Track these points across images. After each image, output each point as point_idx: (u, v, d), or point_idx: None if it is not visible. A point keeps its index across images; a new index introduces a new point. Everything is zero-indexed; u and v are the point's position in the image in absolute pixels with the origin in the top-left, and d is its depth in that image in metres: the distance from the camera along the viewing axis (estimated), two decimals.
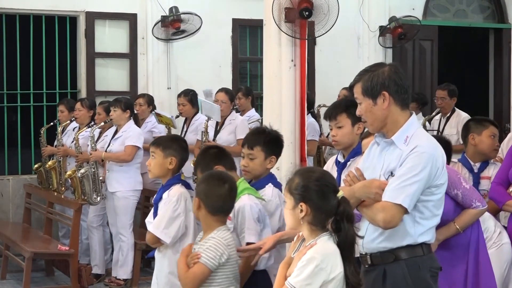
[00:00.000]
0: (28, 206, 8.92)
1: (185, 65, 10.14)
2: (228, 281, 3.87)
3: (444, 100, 8.63)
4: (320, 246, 3.21)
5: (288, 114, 6.20)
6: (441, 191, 3.52)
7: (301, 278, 3.14)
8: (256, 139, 4.55)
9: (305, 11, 6.14)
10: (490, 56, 12.01)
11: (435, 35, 11.46)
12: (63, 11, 9.77)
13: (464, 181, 4.28)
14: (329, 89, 9.98)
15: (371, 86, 3.52)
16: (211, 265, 3.78)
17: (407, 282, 3.48)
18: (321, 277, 3.14)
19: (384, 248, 3.53)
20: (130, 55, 10.00)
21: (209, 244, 3.81)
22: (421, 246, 3.51)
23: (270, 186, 4.48)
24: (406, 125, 3.53)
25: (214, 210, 3.91)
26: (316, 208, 3.22)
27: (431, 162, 3.43)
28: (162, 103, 9.80)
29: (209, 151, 4.61)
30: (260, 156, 4.49)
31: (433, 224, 3.53)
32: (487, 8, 11.86)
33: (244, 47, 10.74)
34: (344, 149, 4.60)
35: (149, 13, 9.97)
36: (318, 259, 3.15)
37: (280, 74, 6.23)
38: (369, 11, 10.93)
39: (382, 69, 3.56)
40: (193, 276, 3.80)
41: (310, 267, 3.14)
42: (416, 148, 3.44)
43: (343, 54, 10.77)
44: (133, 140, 7.70)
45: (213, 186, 3.91)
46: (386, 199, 3.41)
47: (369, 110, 3.55)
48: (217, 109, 7.79)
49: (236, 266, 3.92)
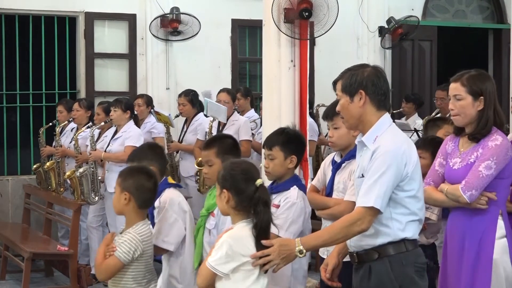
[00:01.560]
0: (27, 206, 8.92)
1: (184, 66, 10.14)
2: (141, 275, 4.05)
3: (443, 101, 8.63)
4: (235, 231, 3.63)
5: (287, 114, 6.21)
6: (413, 187, 3.57)
7: (216, 259, 3.56)
8: (274, 139, 4.50)
9: (305, 12, 6.14)
10: (489, 57, 12.02)
11: (434, 36, 11.47)
12: (62, 12, 9.77)
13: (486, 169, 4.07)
14: (328, 90, 9.78)
15: (350, 83, 3.65)
16: (124, 259, 3.98)
17: (390, 278, 3.56)
18: (233, 259, 3.55)
19: (368, 245, 3.62)
20: (129, 55, 10.00)
21: (125, 238, 4.01)
22: (404, 243, 3.58)
23: (295, 189, 4.40)
24: (376, 125, 3.62)
25: (143, 204, 4.10)
26: (237, 194, 3.63)
27: (396, 160, 3.50)
28: (161, 103, 9.80)
29: (226, 140, 4.59)
30: (279, 156, 4.42)
31: (410, 220, 3.58)
32: (486, 8, 11.87)
33: (244, 48, 10.74)
34: (341, 150, 4.60)
35: (148, 14, 9.96)
36: (230, 243, 3.55)
37: (279, 75, 6.23)
38: (368, 11, 10.93)
39: (364, 69, 3.68)
40: (106, 267, 4.01)
41: (223, 250, 3.55)
42: (378, 148, 3.53)
43: (342, 55, 10.76)
44: (133, 140, 7.69)
45: (143, 181, 4.10)
46: (358, 205, 3.53)
47: (346, 107, 3.68)
48: (223, 110, 7.79)
49: (150, 260, 4.10)
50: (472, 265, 4.08)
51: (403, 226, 3.56)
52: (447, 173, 4.18)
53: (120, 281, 4.04)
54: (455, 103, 4.17)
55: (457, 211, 4.16)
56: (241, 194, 3.63)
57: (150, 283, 4.12)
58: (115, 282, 4.06)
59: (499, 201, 4.10)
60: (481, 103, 4.12)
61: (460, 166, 4.14)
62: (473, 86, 4.12)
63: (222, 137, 4.76)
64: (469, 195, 4.00)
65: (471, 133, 4.15)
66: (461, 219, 4.14)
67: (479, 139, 4.12)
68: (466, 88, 4.13)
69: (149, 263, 4.12)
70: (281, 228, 4.31)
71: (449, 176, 4.17)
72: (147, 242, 4.07)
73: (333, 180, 4.56)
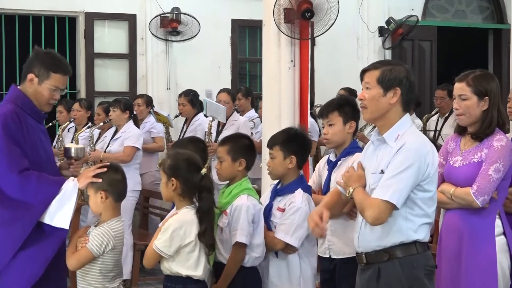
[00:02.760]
0: None
1: (184, 66, 10.15)
2: (109, 269, 4.17)
3: (443, 100, 8.65)
4: (180, 215, 4.07)
5: (287, 114, 6.20)
6: (432, 188, 3.57)
7: (161, 241, 4.01)
8: (275, 139, 4.52)
9: (307, 12, 6.14)
10: (489, 57, 12.01)
11: (434, 36, 11.46)
12: (62, 12, 9.78)
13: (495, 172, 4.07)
14: (328, 90, 9.97)
15: (389, 77, 3.60)
16: (95, 251, 4.10)
17: (401, 280, 3.53)
18: (177, 241, 4.00)
19: (378, 247, 3.59)
20: (129, 55, 10.00)
21: (99, 232, 4.14)
22: (415, 245, 3.56)
23: (299, 192, 4.40)
24: (398, 124, 3.61)
25: (119, 197, 4.23)
26: (183, 182, 4.06)
27: (419, 158, 3.49)
28: (161, 103, 9.80)
29: (242, 140, 4.61)
30: (279, 155, 4.43)
31: (423, 222, 3.57)
32: (486, 8, 11.86)
33: (244, 48, 10.75)
34: (336, 148, 4.60)
35: (148, 14, 9.97)
36: (175, 226, 4.01)
37: (279, 75, 6.22)
38: (368, 11, 10.93)
39: (402, 67, 3.65)
40: (77, 257, 4.14)
41: (168, 233, 3.99)
42: (404, 145, 3.51)
43: (342, 55, 10.77)
44: (132, 141, 7.69)
45: (112, 175, 4.21)
46: (374, 196, 3.50)
47: (376, 98, 3.61)
48: (223, 110, 7.80)
49: (119, 256, 4.23)
50: (472, 264, 4.07)
51: (416, 227, 3.55)
52: (447, 171, 4.18)
53: (88, 273, 4.15)
54: (460, 103, 4.17)
55: (453, 210, 4.16)
56: (188, 183, 4.07)
57: (115, 278, 4.21)
58: (83, 273, 4.17)
59: (498, 200, 4.12)
60: (486, 103, 4.12)
61: (461, 164, 4.14)
62: (478, 86, 4.13)
63: (239, 137, 4.76)
64: (482, 200, 4.00)
65: (475, 133, 4.15)
66: (458, 218, 4.13)
67: (482, 139, 4.13)
68: (472, 88, 4.13)
69: (118, 259, 4.23)
70: (286, 233, 4.34)
71: (449, 174, 4.17)
72: (119, 238, 4.18)
73: (330, 179, 4.56)
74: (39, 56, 4.30)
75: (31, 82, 4.24)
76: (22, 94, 4.25)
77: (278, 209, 4.43)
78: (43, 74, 4.24)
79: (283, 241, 4.35)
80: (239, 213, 4.30)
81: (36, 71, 4.24)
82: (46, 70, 4.24)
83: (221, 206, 4.44)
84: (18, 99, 4.23)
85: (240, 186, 4.42)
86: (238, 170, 4.45)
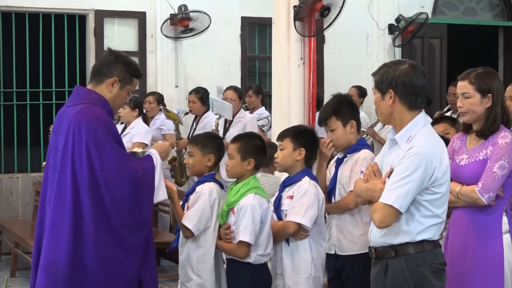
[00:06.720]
0: (37, 204, 8.91)
1: (194, 63, 10.15)
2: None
3: (456, 97, 8.63)
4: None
5: (297, 112, 6.21)
6: (441, 190, 3.56)
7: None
8: (286, 132, 4.63)
9: (325, 11, 6.16)
10: (499, 54, 11.98)
11: (444, 33, 11.43)
12: (72, 10, 9.80)
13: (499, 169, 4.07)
14: (338, 87, 9.89)
15: (381, 81, 3.64)
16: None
17: (405, 277, 3.56)
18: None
19: (385, 243, 3.62)
20: (139, 53, 10.00)
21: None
22: (422, 243, 3.57)
23: (306, 179, 4.48)
24: (411, 124, 3.61)
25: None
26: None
27: (425, 162, 3.48)
28: (171, 101, 9.81)
29: (253, 140, 4.64)
30: (288, 147, 4.51)
31: (432, 223, 3.58)
32: (496, 6, 11.82)
33: (253, 45, 10.74)
34: (343, 150, 4.69)
35: (158, 11, 9.98)
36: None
37: (289, 72, 6.23)
38: (378, 9, 10.91)
39: (398, 67, 3.64)
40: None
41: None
42: (411, 149, 3.52)
43: (352, 52, 10.76)
44: (140, 137, 7.72)
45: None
46: (380, 200, 3.54)
47: (377, 103, 3.70)
48: (229, 107, 7.81)
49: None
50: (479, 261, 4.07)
51: (424, 228, 3.56)
52: (454, 169, 4.18)
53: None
54: (463, 101, 4.18)
55: (460, 208, 4.16)
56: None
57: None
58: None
59: (504, 198, 4.12)
60: (489, 100, 4.13)
61: (467, 162, 4.14)
62: (481, 84, 4.13)
63: (251, 136, 4.80)
64: (487, 197, 4.01)
65: (480, 130, 4.15)
66: (464, 215, 4.14)
67: (488, 136, 4.13)
68: (474, 86, 4.14)
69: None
70: (297, 214, 4.39)
71: (455, 172, 4.16)
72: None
73: (336, 175, 4.64)
74: (121, 60, 4.18)
75: (112, 86, 4.13)
76: (102, 97, 4.12)
77: (288, 197, 4.49)
78: (127, 79, 4.16)
79: (295, 223, 4.40)
80: (244, 212, 4.37)
81: (120, 76, 4.13)
82: (130, 76, 4.17)
83: (229, 204, 4.46)
84: (100, 102, 4.11)
85: (248, 185, 4.47)
86: (246, 169, 4.50)
